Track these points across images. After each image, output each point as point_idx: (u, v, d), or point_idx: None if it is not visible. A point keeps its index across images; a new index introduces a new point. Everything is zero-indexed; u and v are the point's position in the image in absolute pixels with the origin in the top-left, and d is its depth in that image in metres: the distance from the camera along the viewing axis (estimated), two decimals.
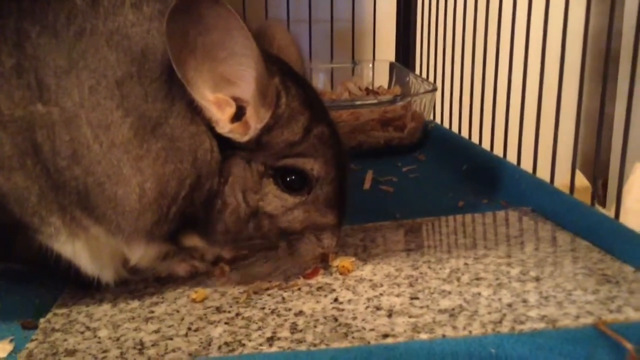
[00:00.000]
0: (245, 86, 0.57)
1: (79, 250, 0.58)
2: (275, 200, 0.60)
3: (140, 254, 0.59)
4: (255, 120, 0.58)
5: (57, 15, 0.55)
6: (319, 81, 1.34)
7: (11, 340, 0.55)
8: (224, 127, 0.58)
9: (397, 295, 0.58)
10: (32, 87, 0.54)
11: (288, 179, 0.60)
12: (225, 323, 0.55)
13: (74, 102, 0.54)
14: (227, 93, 0.57)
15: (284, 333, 0.53)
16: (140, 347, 0.53)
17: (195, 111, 0.57)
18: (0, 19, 0.56)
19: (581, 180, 1.19)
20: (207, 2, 0.53)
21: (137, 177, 0.55)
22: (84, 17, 0.56)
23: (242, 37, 0.55)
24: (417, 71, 1.32)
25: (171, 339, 0.54)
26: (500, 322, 0.52)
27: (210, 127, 0.57)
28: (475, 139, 1.04)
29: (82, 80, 0.55)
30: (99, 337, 0.55)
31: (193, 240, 0.61)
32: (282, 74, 0.60)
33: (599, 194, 1.17)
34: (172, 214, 0.57)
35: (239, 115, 0.58)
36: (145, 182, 0.55)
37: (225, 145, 0.58)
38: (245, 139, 0.58)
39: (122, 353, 0.52)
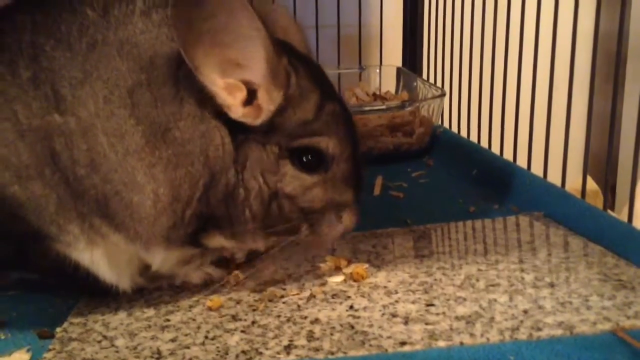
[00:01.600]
0: (255, 68, 0.57)
1: (98, 258, 0.58)
2: (293, 180, 0.59)
3: (161, 259, 0.60)
4: (268, 102, 0.57)
5: (70, 28, 0.56)
6: None
7: (28, 350, 0.56)
8: (237, 111, 0.57)
9: (413, 302, 0.58)
10: (48, 97, 0.55)
11: (304, 159, 0.59)
12: (242, 331, 0.56)
13: (89, 112, 0.55)
14: (237, 77, 0.57)
15: (301, 341, 0.53)
16: (158, 356, 0.53)
17: (204, 107, 0.56)
18: (15, 33, 0.57)
19: (590, 184, 1.19)
20: None
21: (151, 183, 0.56)
22: (95, 29, 0.56)
23: (247, 19, 0.54)
24: (425, 76, 1.32)
25: (188, 347, 0.54)
26: (517, 328, 0.52)
27: (221, 114, 0.57)
28: (484, 144, 1.04)
29: (96, 91, 0.55)
30: (116, 346, 0.55)
31: (218, 241, 0.61)
32: (289, 54, 0.59)
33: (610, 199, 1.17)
34: (187, 217, 0.57)
35: (249, 99, 0.58)
36: (159, 188, 0.56)
37: (238, 130, 0.58)
38: (258, 122, 0.58)
39: None
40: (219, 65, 0.56)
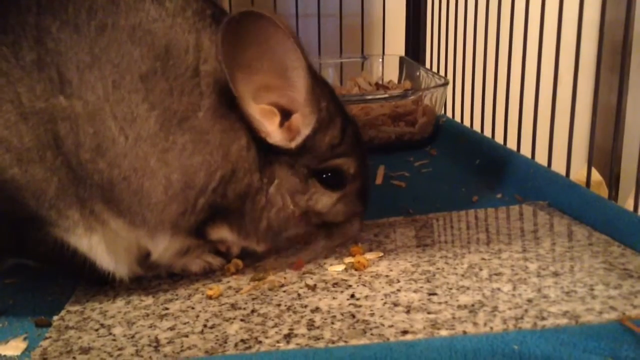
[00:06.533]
0: (295, 94, 0.59)
1: (95, 244, 0.57)
2: (323, 198, 0.63)
3: (164, 246, 0.59)
4: (304, 126, 0.60)
5: (78, 10, 0.56)
6: (329, 76, 1.33)
7: (25, 338, 0.55)
8: (275, 136, 0.59)
9: (415, 291, 0.57)
10: (53, 80, 0.54)
11: (324, 176, 0.62)
12: (241, 320, 0.55)
13: (97, 96, 0.55)
14: (268, 101, 0.59)
15: (301, 330, 0.52)
16: (156, 344, 0.52)
17: (227, 104, 0.57)
18: (19, 14, 0.55)
19: (593, 174, 1.18)
20: (252, 17, 0.54)
21: (163, 169, 0.56)
22: (104, 12, 0.56)
23: (290, 49, 0.56)
24: (428, 65, 1.31)
25: (187, 336, 0.53)
26: (521, 318, 0.51)
27: (258, 138, 0.59)
28: (487, 133, 1.03)
29: (106, 75, 0.55)
30: (114, 335, 0.54)
31: (221, 232, 0.61)
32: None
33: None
34: (199, 205, 0.57)
35: (281, 122, 0.60)
36: (172, 173, 0.56)
37: (268, 150, 0.60)
38: (293, 145, 0.60)
39: (137, 351, 0.51)
40: (254, 91, 0.58)
